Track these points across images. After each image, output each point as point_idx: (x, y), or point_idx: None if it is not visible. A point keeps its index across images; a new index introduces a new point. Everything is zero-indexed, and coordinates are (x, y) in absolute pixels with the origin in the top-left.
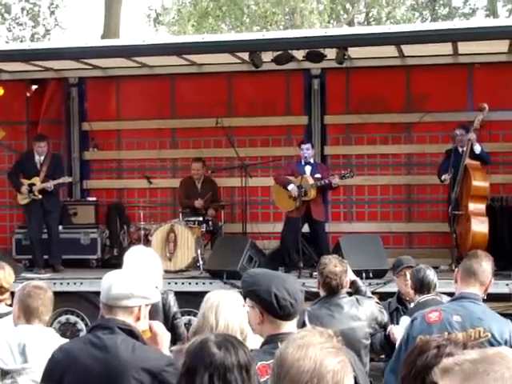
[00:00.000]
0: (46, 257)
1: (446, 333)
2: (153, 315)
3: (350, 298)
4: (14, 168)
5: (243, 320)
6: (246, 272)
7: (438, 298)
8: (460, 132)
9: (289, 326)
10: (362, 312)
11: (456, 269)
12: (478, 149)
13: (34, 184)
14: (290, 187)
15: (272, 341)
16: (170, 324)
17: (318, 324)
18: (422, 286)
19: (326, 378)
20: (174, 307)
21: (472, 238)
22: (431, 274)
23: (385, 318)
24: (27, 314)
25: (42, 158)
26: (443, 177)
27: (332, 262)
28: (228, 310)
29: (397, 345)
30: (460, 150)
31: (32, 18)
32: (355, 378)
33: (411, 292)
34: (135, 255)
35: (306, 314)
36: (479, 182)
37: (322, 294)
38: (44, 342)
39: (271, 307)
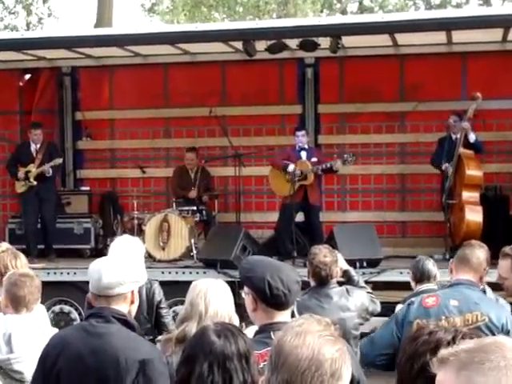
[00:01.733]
0: (40, 246)
1: (444, 317)
2: None
3: (340, 289)
4: (11, 158)
5: (231, 308)
6: (246, 258)
7: (436, 288)
8: (454, 119)
9: (282, 316)
10: (351, 302)
11: (451, 260)
12: (472, 137)
13: (29, 171)
14: (290, 168)
15: (265, 330)
16: (155, 313)
17: (307, 314)
18: (421, 275)
19: (324, 365)
20: (158, 296)
21: (466, 227)
22: (430, 264)
23: (377, 307)
24: (14, 302)
25: (38, 145)
26: (444, 166)
27: (322, 252)
28: (217, 297)
29: (385, 322)
30: (453, 137)
31: (25, 7)
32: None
33: None
34: (120, 244)
35: (295, 304)
36: (473, 171)
37: (312, 283)
38: (31, 331)
39: (264, 295)
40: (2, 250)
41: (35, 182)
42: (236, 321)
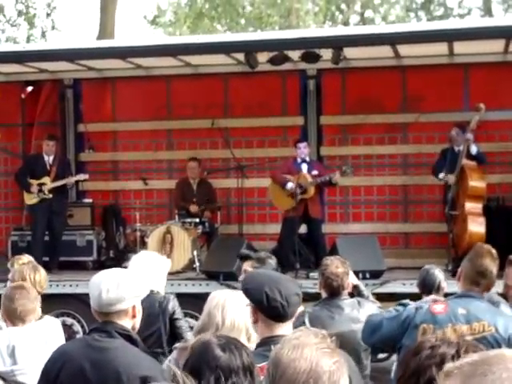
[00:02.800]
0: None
1: (450, 324)
2: (151, 319)
3: (352, 300)
4: (22, 169)
5: (248, 319)
6: (248, 272)
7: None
8: (456, 131)
9: (283, 329)
10: (362, 314)
11: (460, 268)
12: (474, 150)
13: (44, 184)
14: (289, 186)
15: (265, 343)
16: (170, 325)
17: (319, 325)
18: (427, 287)
19: (322, 378)
20: (171, 309)
21: (469, 238)
22: (437, 275)
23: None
24: (10, 317)
25: (51, 158)
26: (440, 175)
27: (334, 263)
28: (234, 309)
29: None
30: (456, 149)
31: (27, 20)
32: (349, 380)
33: None
34: (144, 259)
35: (307, 316)
36: (476, 182)
37: (324, 295)
38: (34, 342)
39: (262, 306)
40: (23, 262)
41: (50, 195)
42: (253, 332)
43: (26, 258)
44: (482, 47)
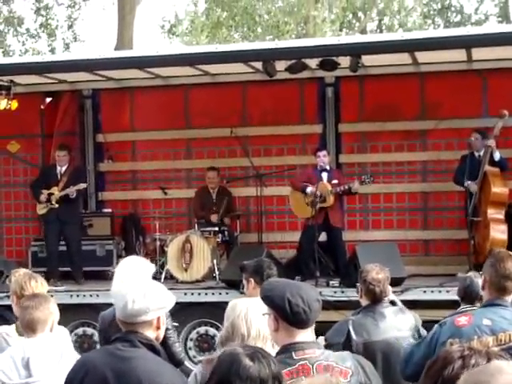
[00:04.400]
0: (63, 269)
1: (476, 336)
2: None
3: (394, 308)
4: (37, 180)
5: None
6: (267, 280)
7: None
8: (475, 137)
9: (304, 335)
10: (406, 322)
11: (483, 275)
12: (497, 156)
13: (52, 193)
14: (309, 190)
15: (287, 350)
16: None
17: (364, 333)
18: (466, 296)
19: None
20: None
21: (490, 245)
22: (479, 284)
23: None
24: (25, 327)
25: (64, 168)
26: (466, 183)
27: (374, 270)
28: (258, 318)
29: (417, 343)
30: (476, 154)
31: (48, 32)
32: (369, 381)
33: None
34: (128, 266)
35: (351, 324)
36: (499, 189)
37: (364, 302)
38: (49, 353)
39: (284, 313)
40: (18, 274)
41: (57, 205)
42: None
43: (23, 271)
44: (500, 53)
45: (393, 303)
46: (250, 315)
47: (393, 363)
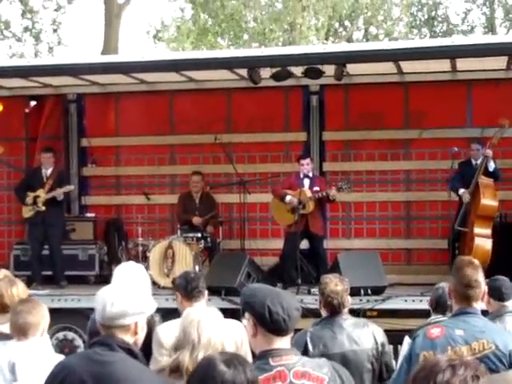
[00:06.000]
0: (46, 273)
1: (450, 347)
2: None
3: (355, 320)
4: (21, 183)
5: (224, 335)
6: (246, 286)
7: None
8: (475, 146)
9: (282, 343)
10: (365, 335)
11: (448, 287)
12: (492, 166)
13: (38, 196)
14: (288, 198)
15: (264, 356)
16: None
17: (321, 345)
18: (438, 306)
19: None
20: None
21: (473, 257)
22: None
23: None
24: (17, 331)
25: (49, 171)
26: (461, 191)
27: (333, 281)
28: (209, 326)
29: (398, 364)
30: (473, 163)
31: (34, 36)
32: None
33: None
34: (125, 272)
35: (308, 335)
36: (488, 201)
37: (324, 314)
38: (34, 358)
39: (264, 320)
40: None
41: (43, 208)
42: (230, 347)
43: (2, 273)
44: (485, 64)
45: (356, 314)
46: (202, 323)
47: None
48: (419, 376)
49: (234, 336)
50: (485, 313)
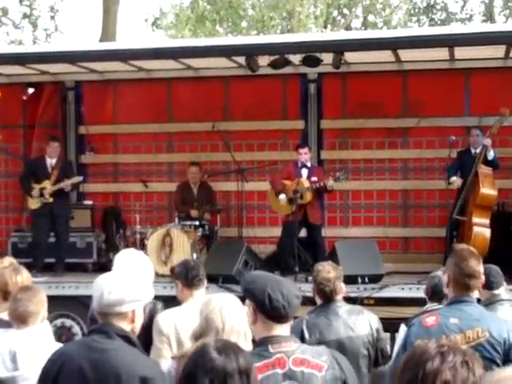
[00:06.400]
0: (45, 260)
1: (444, 336)
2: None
3: (350, 307)
4: (25, 172)
5: (245, 323)
6: (248, 273)
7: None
8: (476, 133)
9: (281, 330)
10: (361, 321)
11: (446, 274)
12: (491, 155)
13: (44, 188)
14: (280, 197)
15: (263, 343)
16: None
17: (317, 333)
18: (434, 294)
19: None
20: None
21: (472, 246)
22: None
23: (386, 340)
24: (17, 319)
25: (54, 161)
26: (452, 179)
27: (325, 269)
28: (232, 313)
29: (394, 352)
30: (472, 151)
31: (31, 22)
32: (345, 382)
33: None
34: (126, 258)
35: (304, 323)
36: (487, 190)
37: (319, 301)
38: (35, 347)
39: (263, 306)
40: (4, 266)
41: (51, 199)
42: (250, 335)
43: (7, 261)
44: (483, 52)
45: (352, 301)
46: (224, 310)
47: None
48: (408, 364)
49: None
50: (479, 301)
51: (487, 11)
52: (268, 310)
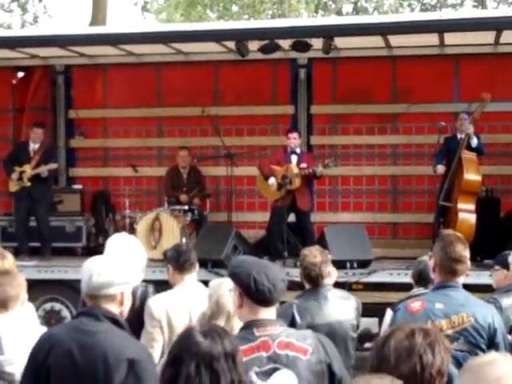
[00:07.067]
0: (33, 244)
1: (430, 321)
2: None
3: (338, 291)
4: (9, 156)
5: None
6: (235, 258)
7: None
8: (464, 117)
9: (267, 313)
10: (349, 304)
11: (433, 259)
12: (474, 142)
13: (24, 171)
14: (270, 181)
15: (249, 327)
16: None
17: (308, 316)
18: (420, 279)
19: None
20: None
21: (458, 232)
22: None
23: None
24: None
25: (37, 146)
26: (438, 167)
27: (312, 253)
28: None
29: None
30: (458, 136)
31: (20, 5)
32: (329, 366)
33: None
34: (118, 243)
35: (295, 307)
36: (471, 176)
37: (307, 286)
38: (19, 330)
39: (249, 290)
40: None
41: (29, 183)
42: None
43: None
44: (473, 38)
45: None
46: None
47: (336, 346)
48: (379, 341)
49: None
50: (466, 287)
51: None
52: (253, 293)
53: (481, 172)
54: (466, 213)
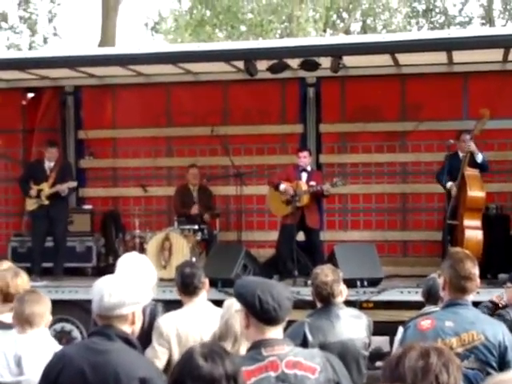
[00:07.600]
0: (44, 264)
1: (440, 339)
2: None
3: (350, 310)
4: (24, 175)
5: None
6: (240, 278)
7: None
8: (466, 138)
9: (274, 333)
10: (361, 323)
11: (441, 276)
12: (479, 158)
13: (42, 190)
14: (282, 187)
15: (256, 346)
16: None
17: (320, 335)
18: (429, 297)
19: None
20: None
21: (465, 249)
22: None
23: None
24: (24, 321)
25: (52, 164)
26: (449, 184)
27: (324, 272)
28: None
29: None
30: (460, 155)
31: (29, 27)
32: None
33: None
34: (129, 262)
35: (307, 326)
36: (475, 193)
37: (318, 305)
38: (40, 351)
39: (254, 309)
40: (4, 269)
41: (47, 202)
42: None
43: (6, 264)
44: (481, 56)
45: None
46: None
47: (348, 364)
48: (393, 360)
49: None
50: (475, 304)
51: (486, 14)
52: (259, 313)
53: (485, 188)
54: (472, 229)
